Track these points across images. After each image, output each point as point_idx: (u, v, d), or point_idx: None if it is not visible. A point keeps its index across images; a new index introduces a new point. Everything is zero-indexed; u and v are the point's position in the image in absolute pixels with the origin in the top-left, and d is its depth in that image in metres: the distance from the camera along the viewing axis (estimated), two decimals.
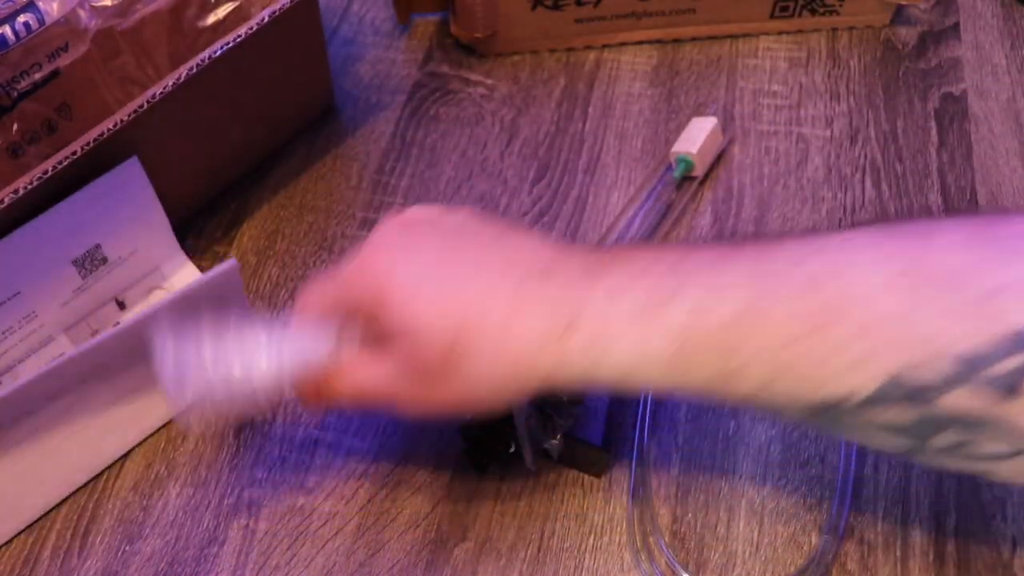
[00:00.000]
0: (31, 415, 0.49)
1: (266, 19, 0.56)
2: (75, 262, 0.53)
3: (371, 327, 0.41)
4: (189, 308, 0.51)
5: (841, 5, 0.71)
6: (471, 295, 0.39)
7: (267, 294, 0.60)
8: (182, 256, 0.59)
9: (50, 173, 0.49)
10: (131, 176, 0.53)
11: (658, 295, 0.37)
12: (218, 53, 0.54)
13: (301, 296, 0.44)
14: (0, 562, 0.50)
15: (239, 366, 0.42)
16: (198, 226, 0.63)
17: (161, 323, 0.42)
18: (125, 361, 0.51)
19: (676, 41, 0.73)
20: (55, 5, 0.53)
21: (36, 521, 0.52)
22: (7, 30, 0.52)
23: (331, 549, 0.50)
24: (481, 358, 0.39)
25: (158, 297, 0.58)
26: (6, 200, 0.48)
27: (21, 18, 0.52)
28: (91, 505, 0.52)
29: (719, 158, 0.65)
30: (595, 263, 0.39)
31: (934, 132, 0.66)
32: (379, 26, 0.75)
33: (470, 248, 0.41)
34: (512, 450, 0.51)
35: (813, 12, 0.71)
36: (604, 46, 0.72)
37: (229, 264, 0.51)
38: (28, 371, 0.53)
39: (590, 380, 0.39)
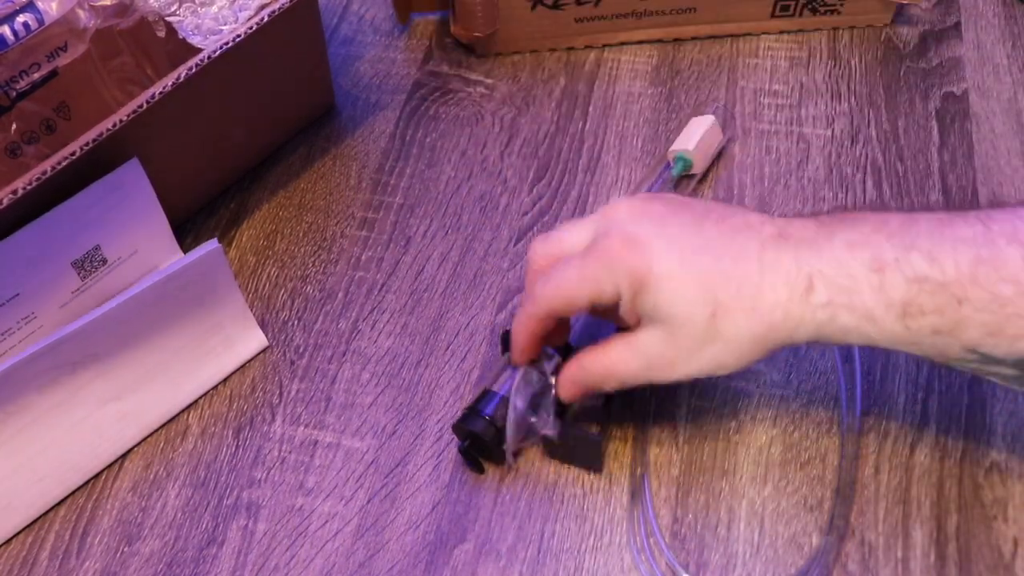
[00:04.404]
0: (22, 408, 0.49)
1: (266, 19, 0.56)
2: (75, 263, 0.53)
3: (628, 303, 0.45)
4: (173, 290, 0.51)
5: (842, 4, 0.71)
6: (724, 266, 0.43)
7: (266, 294, 0.60)
8: (182, 256, 0.59)
9: (49, 174, 0.49)
10: (131, 177, 0.53)
11: (894, 249, 0.41)
12: (218, 53, 0.54)
13: (552, 277, 0.47)
14: None
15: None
16: (197, 226, 0.63)
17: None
18: (118, 353, 0.51)
19: (676, 40, 0.72)
20: (54, 5, 0.53)
21: (34, 521, 0.52)
22: (6, 30, 0.52)
23: (330, 550, 0.50)
24: (739, 323, 0.43)
25: None
26: (5, 201, 0.48)
27: (20, 18, 0.52)
28: (90, 506, 0.52)
29: (720, 157, 0.65)
30: (825, 224, 0.44)
31: (935, 132, 0.66)
32: (379, 25, 0.75)
33: (709, 225, 0.45)
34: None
35: (814, 11, 0.71)
36: (604, 46, 0.72)
37: (211, 246, 0.51)
38: None
39: (825, 334, 0.43)
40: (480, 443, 0.51)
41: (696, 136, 0.63)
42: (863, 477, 0.51)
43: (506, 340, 0.54)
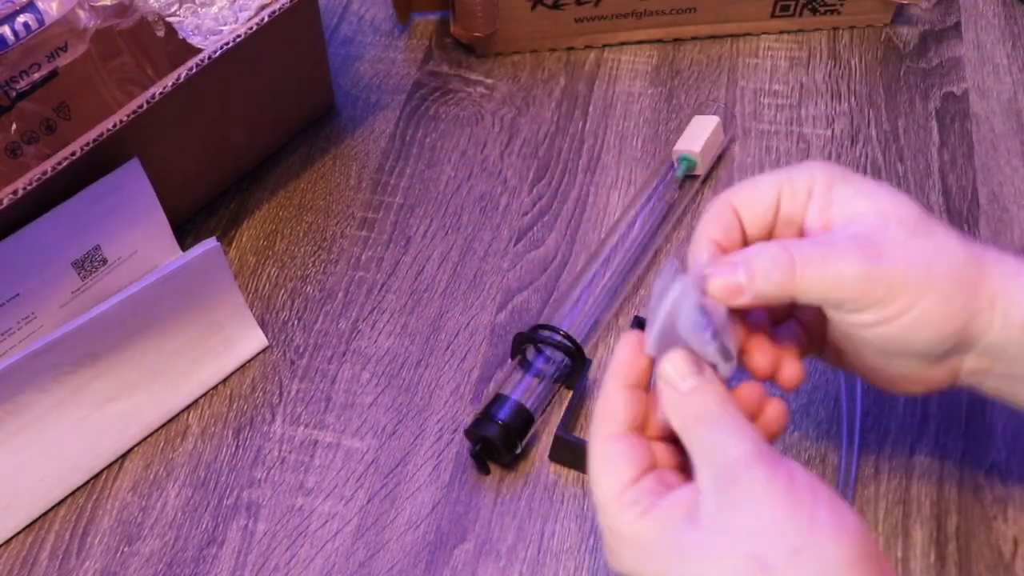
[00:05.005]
0: (22, 407, 0.49)
1: (266, 19, 0.56)
2: (75, 264, 0.53)
3: (821, 196, 0.41)
4: (172, 289, 0.51)
5: (842, 4, 0.71)
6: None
7: (266, 294, 0.60)
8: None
9: (49, 174, 0.49)
10: (132, 177, 0.53)
11: None
12: (218, 53, 0.54)
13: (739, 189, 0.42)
14: None
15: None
16: (197, 226, 0.63)
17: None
18: (118, 352, 0.51)
19: (676, 40, 0.72)
20: (54, 5, 0.53)
21: (34, 521, 0.52)
22: (6, 30, 0.52)
23: (330, 550, 0.50)
24: (950, 234, 0.39)
25: None
26: (5, 201, 0.48)
27: (20, 18, 0.52)
28: (90, 505, 0.52)
29: (720, 157, 0.65)
30: None
31: (935, 132, 0.66)
32: (379, 26, 0.75)
33: None
34: (518, 451, 0.51)
35: (814, 11, 0.71)
36: (604, 46, 0.72)
37: (209, 244, 0.51)
38: None
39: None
40: (491, 447, 0.51)
41: (702, 137, 0.63)
42: (863, 477, 0.51)
43: (517, 343, 0.54)
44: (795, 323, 0.44)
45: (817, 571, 0.33)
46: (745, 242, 0.42)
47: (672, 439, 0.39)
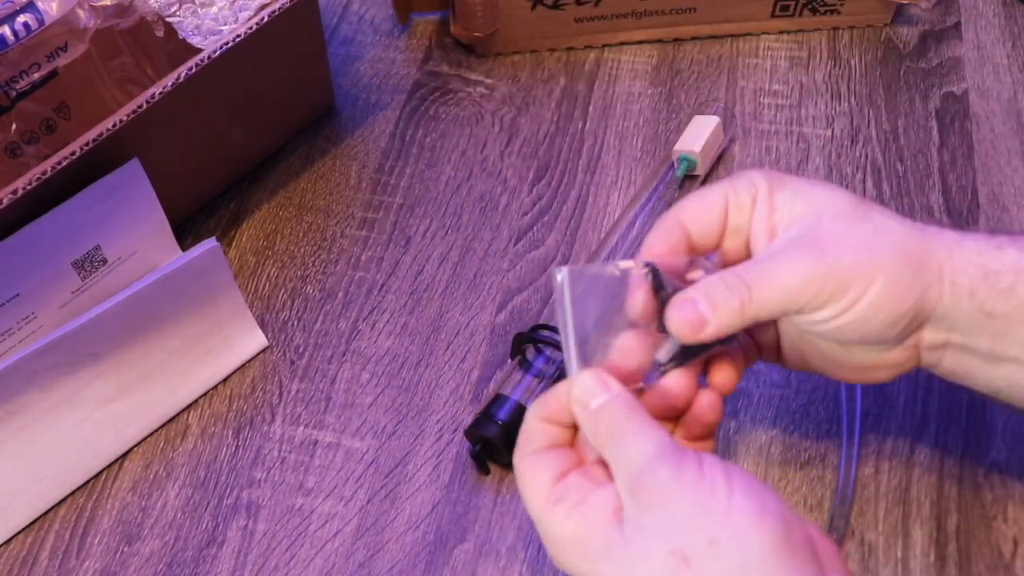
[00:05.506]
0: (22, 407, 0.49)
1: (266, 19, 0.56)
2: (75, 263, 0.53)
3: (764, 202, 0.41)
4: (172, 289, 0.51)
5: (842, 4, 0.71)
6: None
7: (266, 294, 0.60)
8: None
9: (49, 174, 0.49)
10: (132, 177, 0.53)
11: None
12: (218, 53, 0.54)
13: (687, 202, 0.43)
14: None
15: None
16: (197, 226, 0.63)
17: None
18: (117, 352, 0.51)
19: (676, 40, 0.72)
20: (54, 5, 0.53)
21: (34, 521, 0.52)
22: (6, 30, 0.52)
23: (330, 550, 0.50)
24: (890, 216, 0.40)
25: None
26: (5, 201, 0.48)
27: (20, 18, 0.52)
28: (90, 505, 0.52)
29: (720, 158, 0.65)
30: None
31: (935, 132, 0.66)
32: (379, 25, 0.75)
33: None
34: None
35: (814, 11, 0.71)
36: (604, 46, 0.72)
37: (208, 244, 0.51)
38: None
39: (976, 290, 0.39)
40: (491, 447, 0.51)
41: (702, 137, 0.63)
42: (863, 477, 0.51)
43: (516, 343, 0.54)
44: (743, 333, 0.44)
45: (738, 558, 0.34)
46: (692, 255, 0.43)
47: None
